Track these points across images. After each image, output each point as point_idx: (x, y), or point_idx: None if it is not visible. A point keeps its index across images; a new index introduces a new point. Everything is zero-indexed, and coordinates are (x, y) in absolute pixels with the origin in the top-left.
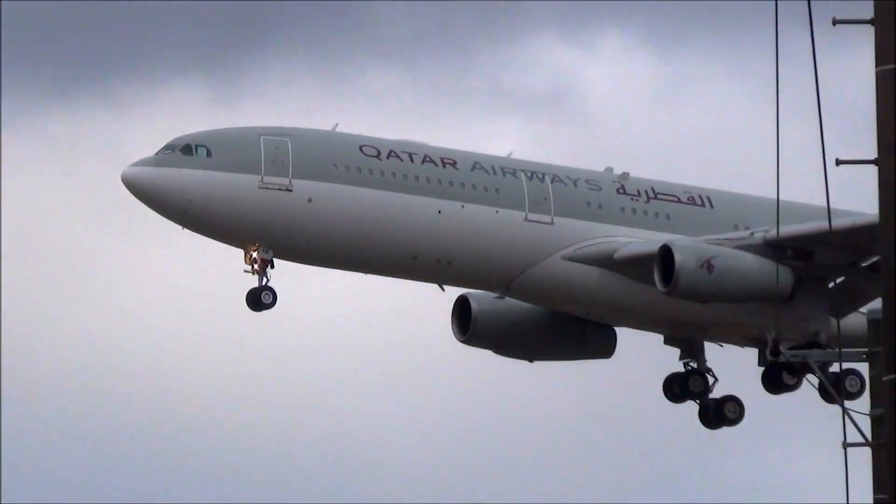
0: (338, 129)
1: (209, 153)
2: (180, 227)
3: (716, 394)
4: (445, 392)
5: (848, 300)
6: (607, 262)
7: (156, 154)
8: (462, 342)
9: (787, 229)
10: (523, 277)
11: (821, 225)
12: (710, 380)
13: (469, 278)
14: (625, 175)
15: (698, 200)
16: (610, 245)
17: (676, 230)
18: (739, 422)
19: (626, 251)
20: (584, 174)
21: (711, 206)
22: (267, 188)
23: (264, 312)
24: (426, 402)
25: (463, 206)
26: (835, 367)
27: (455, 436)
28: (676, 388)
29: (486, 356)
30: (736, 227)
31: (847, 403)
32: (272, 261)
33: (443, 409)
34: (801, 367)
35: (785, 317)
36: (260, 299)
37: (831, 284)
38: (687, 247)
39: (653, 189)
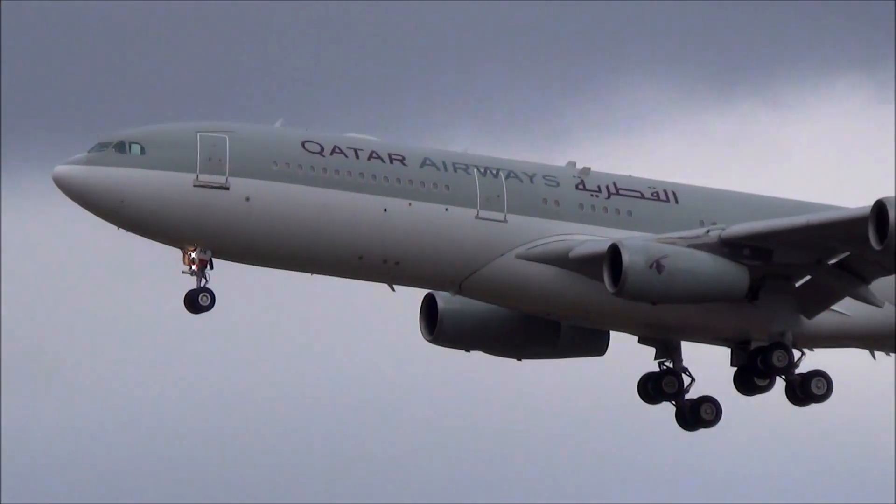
0: (280, 125)
1: (143, 151)
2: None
3: (692, 394)
4: (420, 392)
5: (817, 299)
6: (563, 260)
7: (88, 151)
8: (429, 342)
9: (741, 227)
10: (476, 277)
11: (776, 222)
12: (687, 380)
13: (419, 278)
14: (586, 170)
15: (663, 196)
16: (566, 243)
17: (638, 227)
18: (716, 423)
19: (581, 250)
20: (543, 169)
21: (677, 202)
22: (202, 187)
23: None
24: (400, 401)
25: (410, 204)
26: (801, 369)
27: (435, 434)
28: (651, 389)
29: (463, 354)
30: (702, 223)
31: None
32: (211, 261)
33: (418, 408)
34: (769, 370)
35: (749, 317)
36: (197, 301)
37: (799, 284)
38: (636, 246)
39: (615, 184)
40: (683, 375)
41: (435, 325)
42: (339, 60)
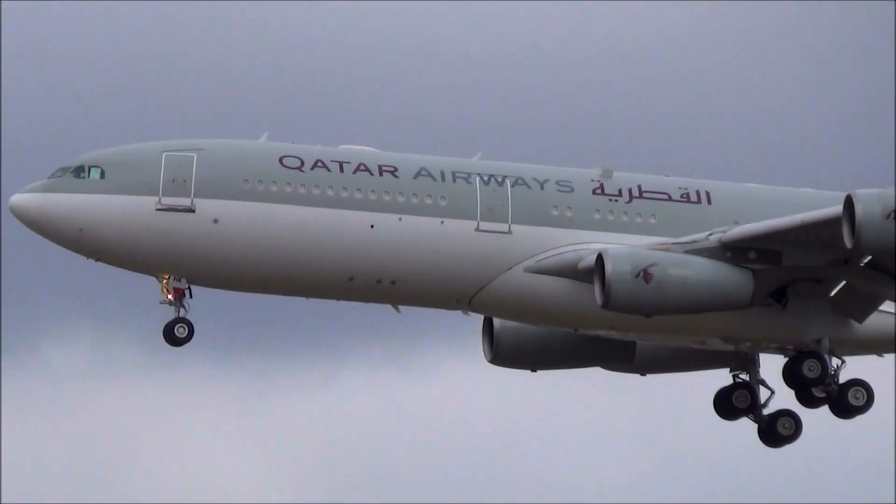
0: (265, 139)
1: (103, 174)
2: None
3: (771, 408)
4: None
5: (858, 302)
6: (574, 272)
7: (48, 177)
8: (490, 363)
9: (742, 229)
10: (484, 294)
11: (776, 222)
12: (765, 393)
13: (421, 298)
14: (608, 172)
15: (693, 197)
16: (577, 253)
17: (663, 232)
18: (796, 437)
19: (590, 260)
20: (558, 174)
21: (709, 202)
22: (166, 210)
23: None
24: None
25: (400, 219)
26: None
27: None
28: (725, 404)
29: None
30: (737, 224)
31: None
32: (188, 290)
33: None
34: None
35: (779, 324)
36: (173, 333)
37: (837, 287)
38: (622, 255)
39: (639, 187)
40: (760, 388)
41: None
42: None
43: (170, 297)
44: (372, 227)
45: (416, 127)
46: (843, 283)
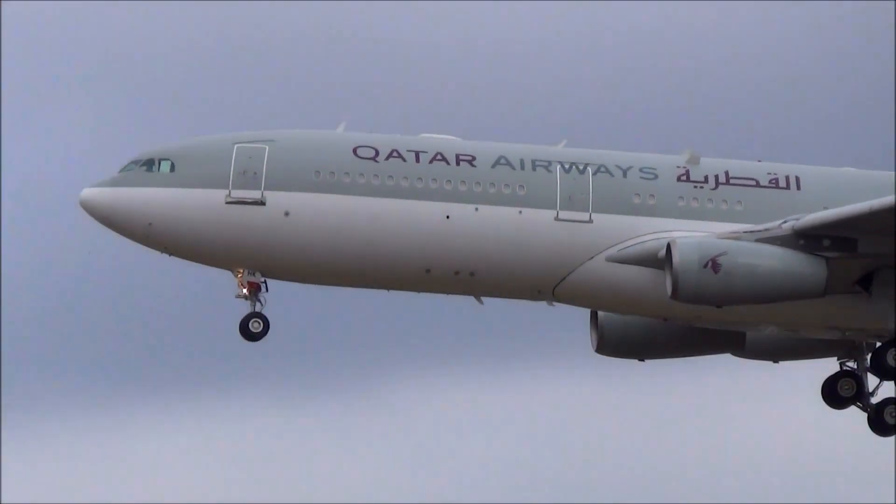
0: (342, 129)
1: (173, 168)
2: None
3: (880, 396)
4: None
5: None
6: (656, 261)
7: (120, 170)
8: (596, 352)
9: (816, 216)
10: (566, 284)
11: (850, 208)
12: (874, 381)
13: (502, 289)
14: (695, 158)
15: (783, 182)
16: (659, 242)
17: (750, 219)
18: None
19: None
20: (642, 161)
21: (798, 188)
22: (236, 203)
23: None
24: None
25: (477, 209)
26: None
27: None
28: (832, 393)
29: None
30: (826, 210)
31: None
32: (263, 284)
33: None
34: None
35: (863, 311)
36: (248, 328)
37: None
38: (690, 244)
39: (726, 173)
40: (868, 376)
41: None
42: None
43: (245, 291)
44: (448, 217)
45: (503, 116)
46: None
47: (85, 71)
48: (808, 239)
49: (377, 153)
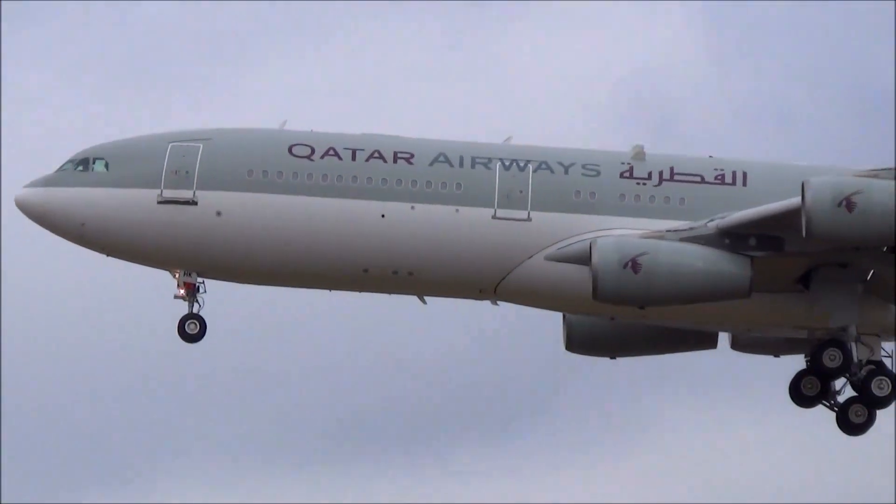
0: (286, 127)
1: (107, 167)
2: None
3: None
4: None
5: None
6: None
7: (56, 170)
8: (567, 350)
9: (738, 215)
10: (506, 283)
11: (768, 207)
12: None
13: (442, 288)
14: (640, 154)
15: (729, 178)
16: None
17: (692, 215)
18: (868, 427)
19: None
20: (585, 157)
21: (745, 184)
22: (167, 203)
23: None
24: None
25: (413, 208)
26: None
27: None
28: (798, 392)
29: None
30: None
31: None
32: (199, 285)
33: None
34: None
35: (804, 311)
36: (184, 329)
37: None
38: (610, 245)
39: (671, 169)
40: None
41: None
42: None
43: (182, 292)
44: (383, 216)
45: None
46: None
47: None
48: (733, 238)
49: (313, 151)
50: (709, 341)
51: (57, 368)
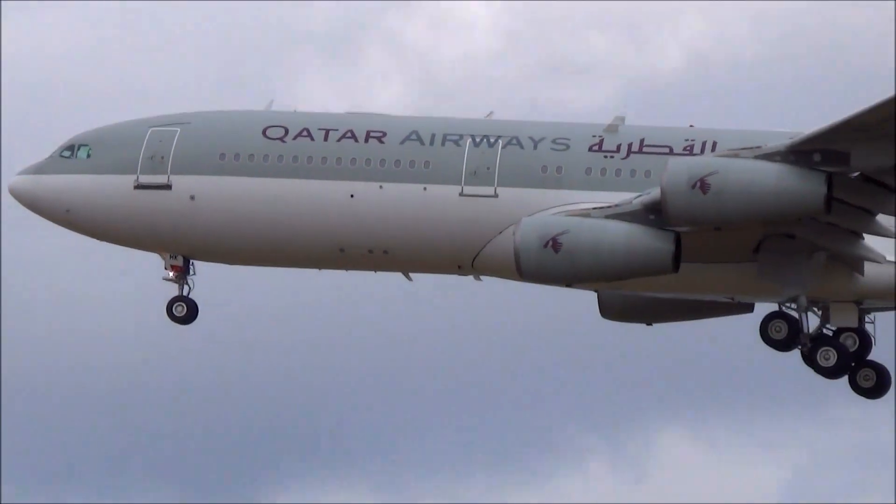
0: (273, 107)
1: (90, 154)
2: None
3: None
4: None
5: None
6: None
7: (47, 157)
8: (603, 317)
9: (655, 191)
10: (481, 258)
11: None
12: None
13: (420, 265)
14: (613, 127)
15: (698, 148)
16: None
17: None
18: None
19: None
20: (557, 131)
21: (712, 153)
22: (144, 188)
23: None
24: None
25: (381, 187)
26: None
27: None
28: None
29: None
30: None
31: None
32: (189, 266)
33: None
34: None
35: (756, 281)
36: (172, 311)
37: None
38: (532, 224)
39: (641, 141)
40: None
41: None
42: None
43: (171, 274)
44: (352, 196)
45: None
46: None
47: None
48: (657, 214)
49: (286, 133)
50: (744, 307)
51: (53, 352)
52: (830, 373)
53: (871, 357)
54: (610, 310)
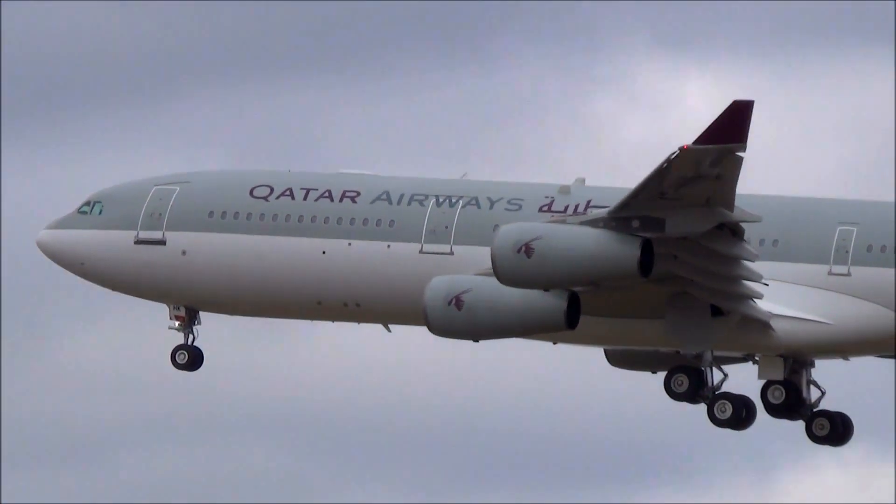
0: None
1: (102, 210)
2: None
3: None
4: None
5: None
6: None
7: (70, 212)
8: (610, 364)
9: None
10: None
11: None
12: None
13: (393, 317)
14: (566, 188)
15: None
16: None
17: None
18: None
19: None
20: (513, 192)
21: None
22: (143, 243)
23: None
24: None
25: (350, 244)
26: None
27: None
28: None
29: None
30: None
31: None
32: (194, 316)
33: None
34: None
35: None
36: (175, 358)
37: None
38: (442, 281)
39: (588, 202)
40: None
41: None
42: None
43: (176, 323)
44: (324, 252)
45: None
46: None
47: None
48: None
49: (271, 192)
50: (744, 357)
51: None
52: (736, 422)
53: (823, 407)
54: (613, 356)
